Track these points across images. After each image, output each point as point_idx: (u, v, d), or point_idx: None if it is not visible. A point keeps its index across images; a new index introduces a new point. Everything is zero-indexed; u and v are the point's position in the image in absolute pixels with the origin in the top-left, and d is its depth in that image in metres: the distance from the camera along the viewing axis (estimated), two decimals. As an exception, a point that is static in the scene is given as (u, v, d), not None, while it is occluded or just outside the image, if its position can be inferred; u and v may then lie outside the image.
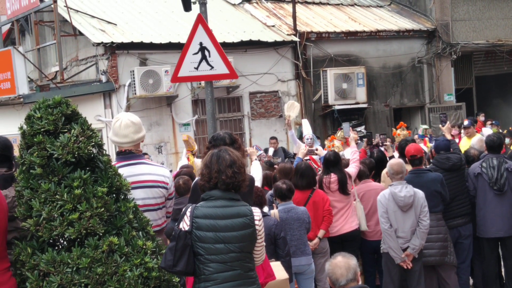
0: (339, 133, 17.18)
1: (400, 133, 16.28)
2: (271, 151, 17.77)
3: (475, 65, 27.23)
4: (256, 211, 5.65)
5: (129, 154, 6.54)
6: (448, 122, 13.15)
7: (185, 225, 5.48)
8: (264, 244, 5.81)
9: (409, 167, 10.25)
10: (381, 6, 27.31)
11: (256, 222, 5.59)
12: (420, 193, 9.32)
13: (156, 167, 6.79)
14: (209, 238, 5.45)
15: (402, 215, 9.23)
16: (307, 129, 16.29)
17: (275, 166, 13.33)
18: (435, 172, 10.11)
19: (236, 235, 5.49)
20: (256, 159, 10.77)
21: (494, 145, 10.47)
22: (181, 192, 9.31)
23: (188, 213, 5.52)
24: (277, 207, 9.31)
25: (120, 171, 5.59)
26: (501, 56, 26.84)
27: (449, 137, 12.00)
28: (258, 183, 9.87)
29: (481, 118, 22.36)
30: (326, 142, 17.58)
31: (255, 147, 16.75)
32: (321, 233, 9.75)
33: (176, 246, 5.38)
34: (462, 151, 11.73)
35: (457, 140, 16.69)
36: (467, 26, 26.45)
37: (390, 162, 9.74)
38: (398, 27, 25.40)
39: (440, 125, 13.37)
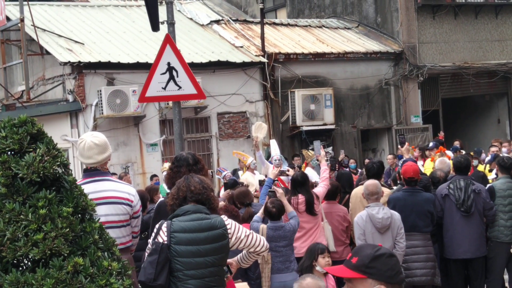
0: (309, 152, 17.15)
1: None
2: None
3: (441, 87, 27.42)
4: (225, 218, 5.73)
5: (95, 171, 6.63)
6: (407, 143, 13.28)
7: (161, 240, 5.46)
8: (251, 232, 5.87)
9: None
10: (348, 28, 27.46)
11: (229, 231, 5.66)
12: (397, 215, 9.31)
13: (120, 184, 6.86)
14: (189, 252, 5.44)
15: (379, 236, 9.15)
16: (275, 150, 16.30)
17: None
18: (429, 193, 10.15)
19: (215, 246, 5.54)
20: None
21: (461, 167, 10.55)
22: None
23: (164, 228, 5.51)
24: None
25: (85, 187, 5.56)
26: (467, 78, 27.05)
27: (406, 157, 12.13)
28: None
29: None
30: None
31: (220, 169, 16.79)
32: None
33: (159, 259, 5.36)
34: (427, 173, 11.82)
35: (420, 162, 16.81)
36: (434, 48, 26.68)
37: (366, 183, 9.71)
38: (365, 49, 25.55)
39: (399, 146, 13.51)
